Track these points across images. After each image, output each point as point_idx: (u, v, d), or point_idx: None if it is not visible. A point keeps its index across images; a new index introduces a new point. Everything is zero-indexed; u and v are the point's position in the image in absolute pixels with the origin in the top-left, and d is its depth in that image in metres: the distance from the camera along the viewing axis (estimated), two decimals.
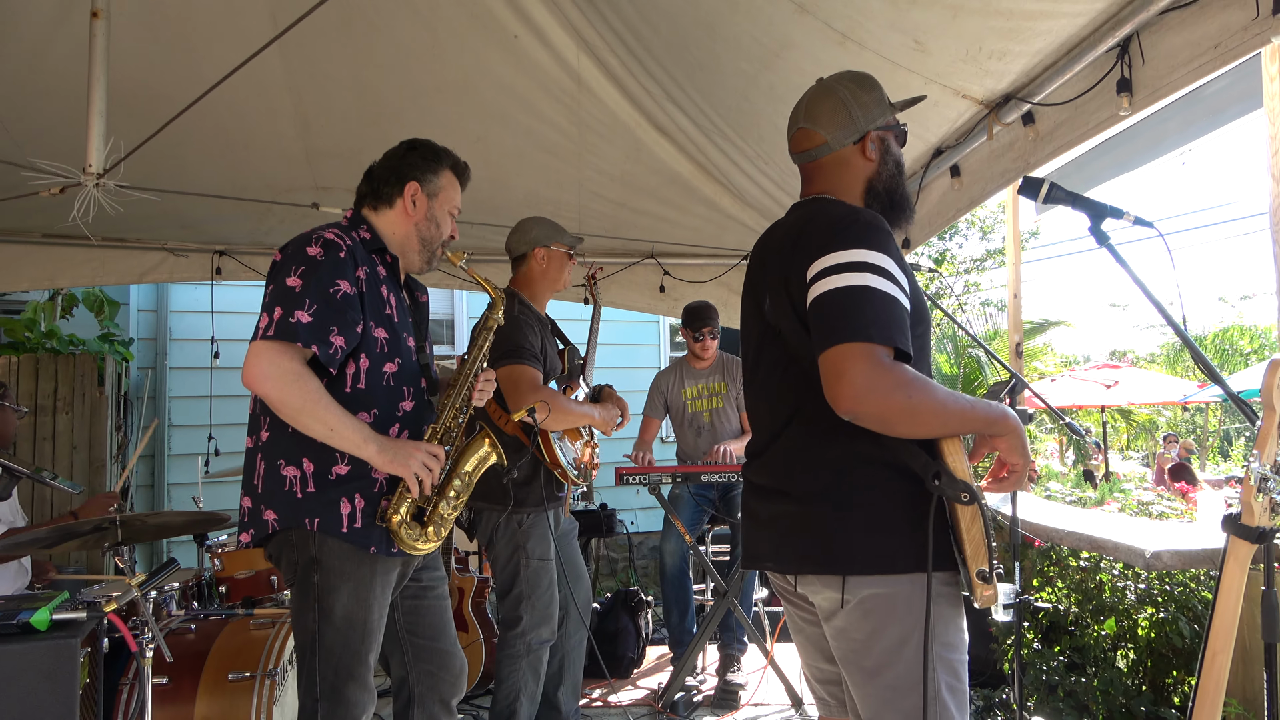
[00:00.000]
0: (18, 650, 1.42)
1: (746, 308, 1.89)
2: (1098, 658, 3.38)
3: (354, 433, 1.94)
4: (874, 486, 1.57)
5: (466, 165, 2.35)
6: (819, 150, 1.80)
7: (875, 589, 1.55)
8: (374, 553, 2.01)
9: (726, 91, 3.50)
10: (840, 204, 1.72)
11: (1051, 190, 1.62)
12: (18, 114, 3.49)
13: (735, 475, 3.73)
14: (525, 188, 4.35)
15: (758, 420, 1.84)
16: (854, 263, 1.51)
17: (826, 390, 1.47)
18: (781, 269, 1.67)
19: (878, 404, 1.44)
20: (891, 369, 1.44)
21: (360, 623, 2.01)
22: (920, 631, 1.52)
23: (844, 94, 1.79)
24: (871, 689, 1.57)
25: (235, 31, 3.17)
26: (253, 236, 4.80)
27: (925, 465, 1.50)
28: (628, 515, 6.24)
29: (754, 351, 1.83)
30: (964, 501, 1.47)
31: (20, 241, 4.53)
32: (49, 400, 5.18)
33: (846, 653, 1.62)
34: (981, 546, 1.49)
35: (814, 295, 1.53)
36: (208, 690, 2.54)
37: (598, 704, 3.94)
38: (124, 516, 2.57)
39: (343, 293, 1.98)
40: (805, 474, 1.64)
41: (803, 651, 1.88)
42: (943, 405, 1.47)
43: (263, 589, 3.39)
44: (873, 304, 1.47)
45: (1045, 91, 2.65)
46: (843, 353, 1.45)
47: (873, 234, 1.56)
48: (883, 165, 1.80)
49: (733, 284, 5.16)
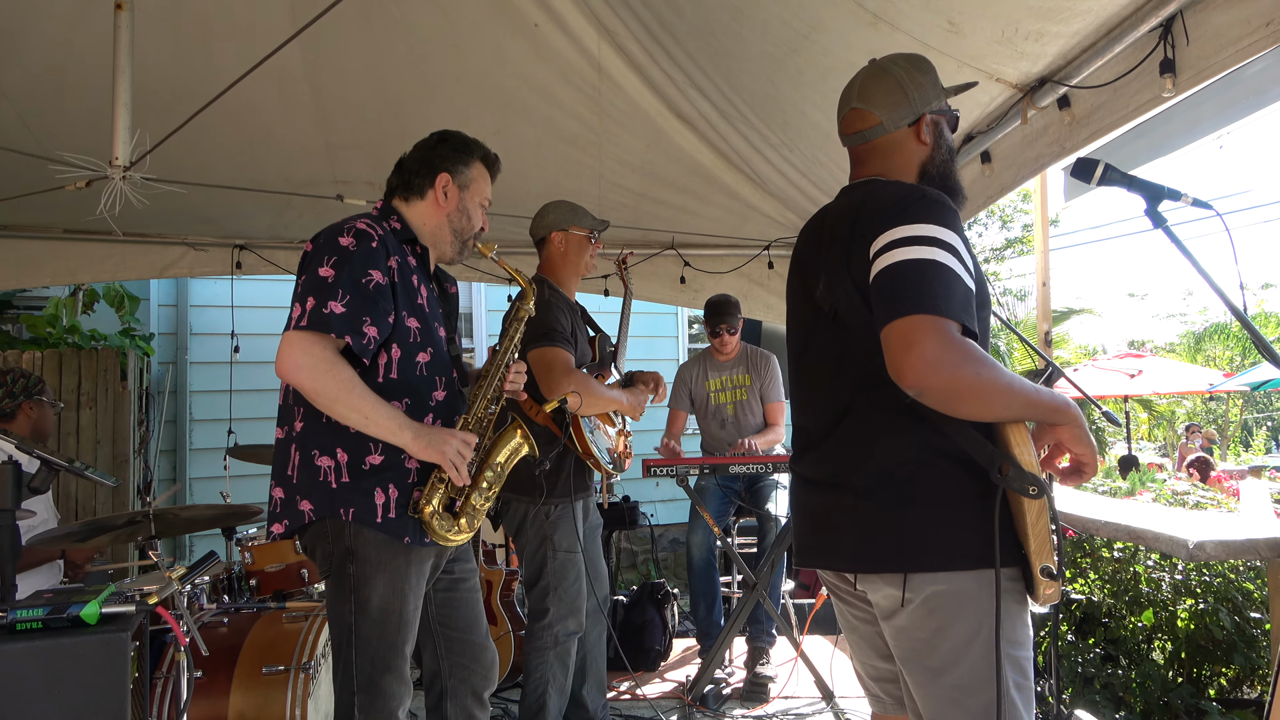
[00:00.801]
0: (69, 644, 1.41)
1: (794, 294, 1.84)
2: (1133, 650, 3.34)
3: (389, 420, 1.94)
4: (936, 479, 1.52)
5: (497, 157, 2.35)
6: (873, 131, 1.75)
7: (939, 586, 1.50)
8: (408, 543, 2.01)
9: (751, 77, 3.46)
10: (901, 182, 1.68)
11: (1107, 172, 1.58)
12: (40, 110, 3.48)
13: (762, 467, 3.70)
14: (545, 179, 4.33)
15: (808, 410, 1.77)
16: (922, 236, 1.46)
17: (892, 362, 1.42)
18: (841, 248, 1.62)
19: (946, 377, 1.38)
20: (962, 343, 1.39)
21: (396, 613, 2.01)
22: (987, 629, 1.47)
23: (900, 74, 1.74)
24: (936, 688, 1.53)
25: (255, 25, 3.15)
26: (272, 230, 4.80)
27: (990, 456, 1.44)
28: (648, 508, 6.22)
29: (803, 337, 1.78)
30: (1032, 495, 1.41)
31: (42, 237, 4.54)
32: (73, 395, 5.20)
33: (908, 652, 1.57)
34: (1047, 542, 1.43)
35: (880, 268, 1.48)
36: (242, 683, 2.53)
37: (626, 697, 3.92)
38: (156, 510, 2.56)
39: (375, 283, 1.97)
40: (864, 466, 1.58)
41: (857, 649, 1.83)
42: (1009, 387, 1.42)
43: (293, 582, 3.38)
44: (942, 278, 1.43)
45: (1083, 74, 2.59)
46: (912, 323, 1.39)
47: (940, 210, 1.51)
48: (937, 149, 1.76)
49: (754, 275, 5.12)
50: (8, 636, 1.43)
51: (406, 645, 2.06)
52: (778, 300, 5.19)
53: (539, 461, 2.32)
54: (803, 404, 1.80)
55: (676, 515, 7.18)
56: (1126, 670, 3.26)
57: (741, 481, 4.32)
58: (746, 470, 3.71)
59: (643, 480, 4.93)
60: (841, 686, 3.60)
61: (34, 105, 3.44)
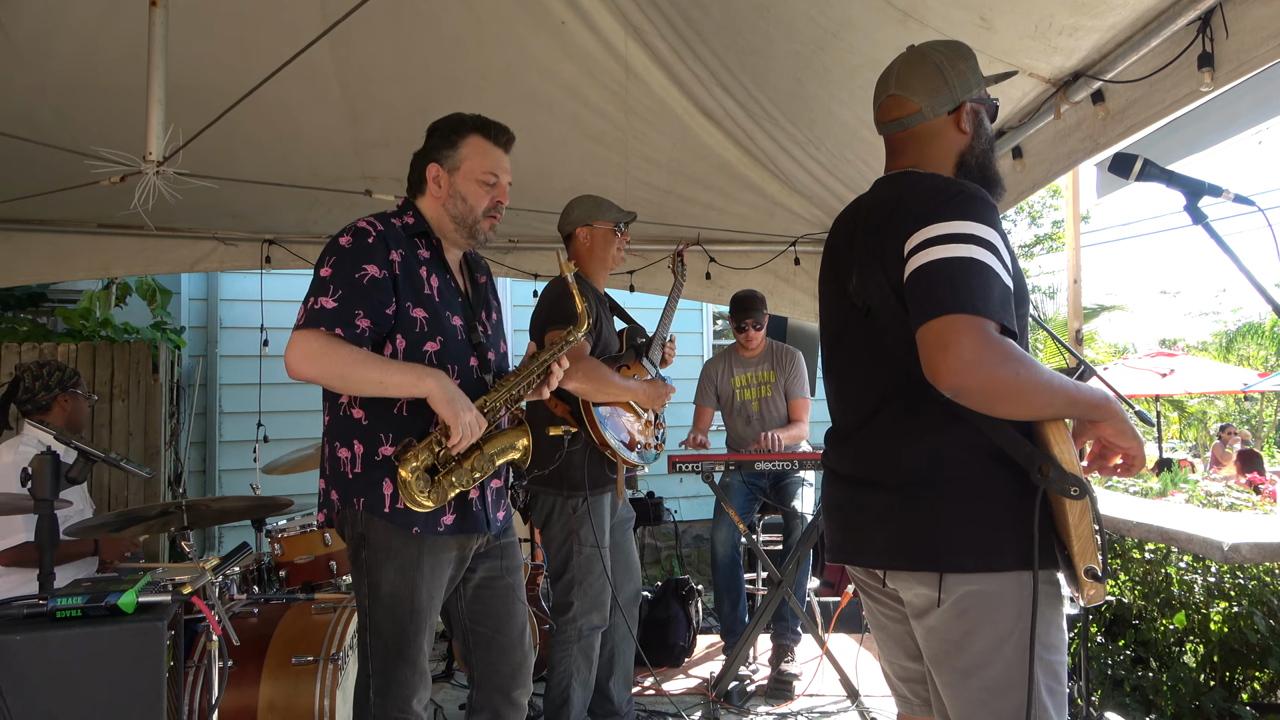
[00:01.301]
0: (107, 632, 1.44)
1: (826, 288, 1.81)
2: (1164, 652, 3.30)
3: (405, 375, 1.99)
4: (973, 477, 1.48)
5: (494, 123, 2.25)
6: (911, 119, 1.69)
7: (972, 586, 1.47)
8: (417, 533, 2.04)
9: (778, 75, 3.44)
10: (938, 176, 1.63)
11: (1146, 167, 1.55)
12: (75, 106, 3.54)
13: (788, 464, 3.69)
14: (571, 175, 4.33)
15: (840, 404, 1.75)
16: (959, 234, 1.42)
17: (927, 363, 1.39)
18: (875, 242, 1.58)
19: (984, 378, 1.35)
20: (1000, 342, 1.36)
21: (406, 601, 2.04)
22: (1020, 632, 1.44)
23: (940, 60, 1.69)
24: (965, 690, 1.50)
25: (286, 22, 3.18)
26: (301, 226, 4.84)
27: (1030, 455, 1.41)
28: (672, 504, 6.22)
29: (835, 333, 1.75)
30: (1074, 496, 1.37)
31: (76, 232, 4.61)
32: (106, 388, 5.29)
33: (938, 652, 1.54)
34: (1090, 543, 1.39)
35: (915, 266, 1.45)
36: (272, 673, 2.57)
37: (650, 692, 3.93)
38: (189, 501, 2.60)
39: (370, 277, 2.02)
40: (898, 462, 1.55)
41: (884, 648, 1.80)
42: (1049, 385, 1.39)
43: (321, 574, 3.42)
44: (980, 276, 1.39)
45: (1118, 68, 2.56)
46: (949, 323, 1.36)
47: (979, 206, 1.48)
48: (976, 139, 1.70)
49: (780, 271, 5.10)
50: (48, 624, 1.46)
51: (420, 636, 2.08)
52: (804, 296, 5.16)
53: (520, 476, 2.27)
54: (835, 399, 1.78)
55: (700, 512, 7.18)
56: (1157, 673, 3.22)
57: (767, 478, 4.31)
58: (772, 467, 3.70)
59: (667, 476, 4.94)
60: (867, 685, 3.58)
61: (69, 101, 3.50)
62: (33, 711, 1.40)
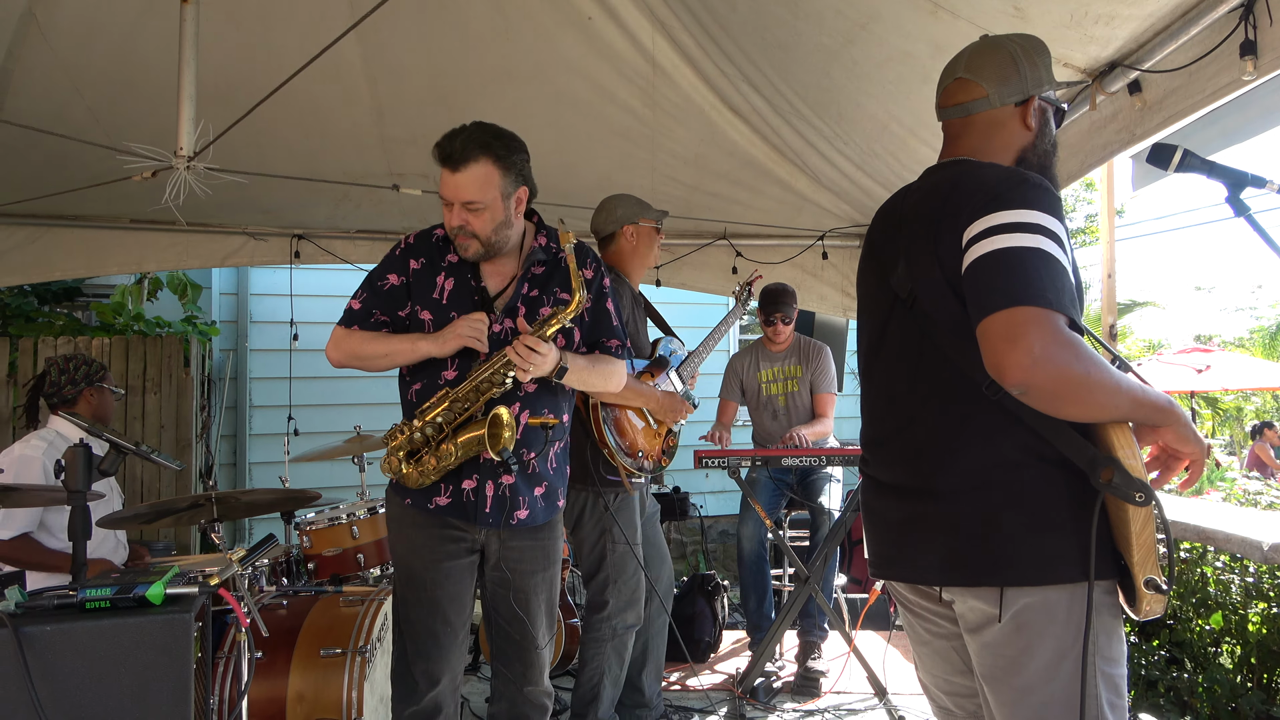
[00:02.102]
0: (134, 624, 1.45)
1: (867, 283, 1.74)
2: (1200, 654, 3.23)
3: (404, 343, 2.25)
4: (1034, 483, 1.40)
5: (443, 145, 2.20)
6: (976, 104, 1.62)
7: (1030, 599, 1.39)
8: (408, 505, 2.26)
9: (806, 70, 3.41)
10: (998, 164, 1.56)
11: (1185, 158, 1.50)
12: (108, 103, 3.58)
13: (815, 459, 3.66)
14: (598, 171, 4.33)
15: (882, 404, 1.66)
16: (1025, 223, 1.35)
17: (993, 357, 1.31)
18: (927, 229, 1.51)
19: (1053, 375, 1.27)
20: (1071, 338, 1.29)
21: (406, 566, 2.28)
22: (1079, 646, 1.37)
23: (1014, 49, 1.62)
24: (1024, 708, 1.42)
25: (314, 19, 3.20)
26: (330, 221, 4.87)
27: (1093, 460, 1.33)
28: (698, 499, 6.20)
29: (878, 327, 1.66)
30: (1138, 502, 1.30)
31: (110, 227, 4.68)
32: (138, 381, 5.36)
33: (993, 668, 1.46)
34: (1151, 552, 1.33)
35: (977, 255, 1.37)
36: (300, 665, 2.58)
37: (676, 687, 3.92)
38: (219, 494, 2.63)
39: (390, 285, 2.32)
40: (950, 468, 1.47)
41: (927, 662, 1.71)
42: (1117, 386, 1.31)
43: (349, 566, 3.44)
44: (1048, 267, 1.32)
45: (1156, 57, 2.50)
46: (1019, 315, 1.29)
47: (1044, 195, 1.40)
48: (1040, 139, 1.63)
49: (807, 265, 5.06)
50: (78, 615, 1.48)
51: (418, 606, 2.24)
52: (831, 291, 5.12)
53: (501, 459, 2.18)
54: (878, 398, 1.69)
55: (726, 507, 7.15)
56: (1192, 674, 3.15)
57: (794, 474, 4.28)
58: (799, 463, 3.67)
59: (693, 471, 4.91)
60: (894, 683, 3.55)
61: (103, 98, 3.54)
62: (61, 700, 1.42)
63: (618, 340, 2.44)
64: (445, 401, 2.19)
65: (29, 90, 3.47)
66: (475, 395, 2.18)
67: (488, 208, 2.18)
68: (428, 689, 2.24)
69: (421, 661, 2.24)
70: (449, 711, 2.29)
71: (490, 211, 2.19)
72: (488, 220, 2.20)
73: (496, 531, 2.26)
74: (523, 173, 2.26)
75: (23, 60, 3.32)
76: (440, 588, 2.24)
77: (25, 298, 6.04)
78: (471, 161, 2.15)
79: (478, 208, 2.18)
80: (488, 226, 2.20)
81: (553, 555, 2.37)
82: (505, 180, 2.20)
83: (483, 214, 2.19)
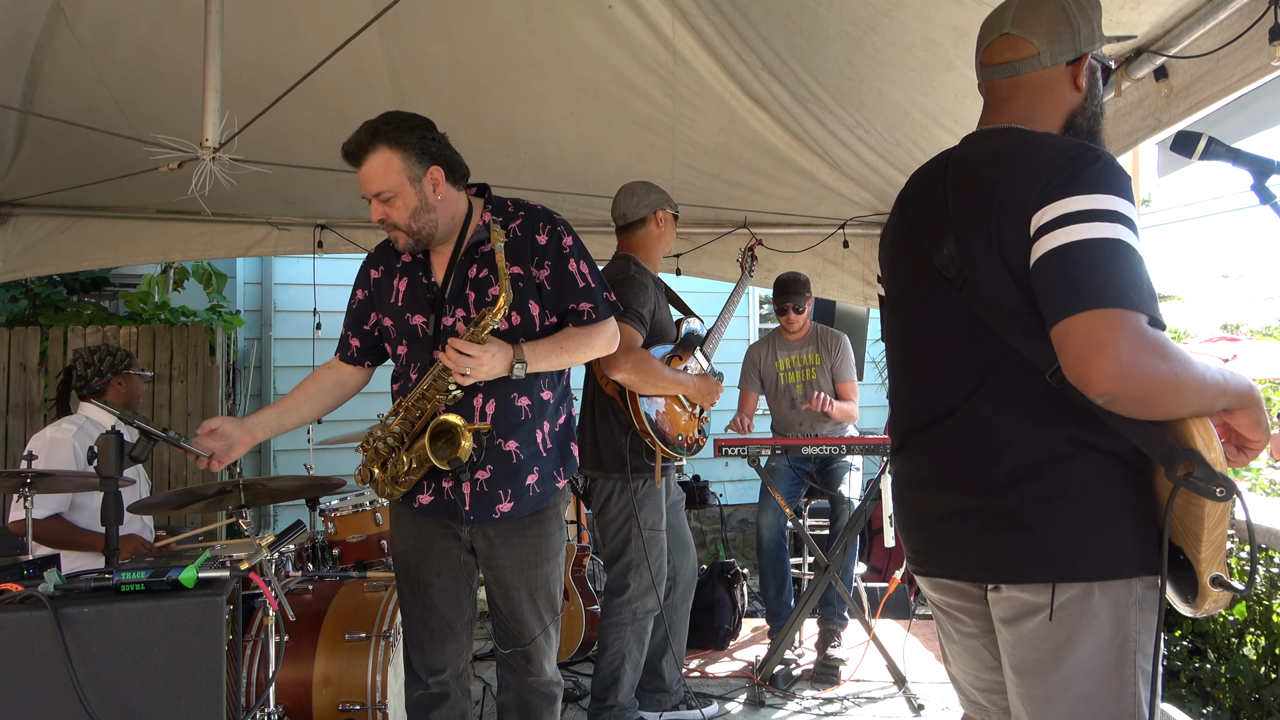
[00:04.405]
0: (168, 606, 1.49)
1: (902, 252, 1.61)
2: (1223, 644, 3.21)
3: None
4: (1087, 475, 1.34)
5: (345, 143, 2.17)
6: (1025, 64, 1.49)
7: (1073, 592, 1.34)
8: (400, 502, 2.28)
9: (828, 58, 3.39)
10: (1056, 136, 1.45)
11: (1210, 145, 1.47)
12: (134, 94, 3.62)
13: (835, 448, 3.66)
14: (617, 160, 4.33)
15: (922, 389, 1.55)
16: (1100, 210, 1.26)
17: (1077, 366, 1.24)
18: (985, 209, 1.39)
19: (1144, 382, 1.21)
20: (1156, 339, 1.23)
21: (402, 562, 2.29)
22: (1120, 641, 1.33)
23: (1066, 2, 1.48)
24: (1059, 702, 1.37)
25: (337, 10, 3.22)
26: (352, 211, 4.91)
27: (1170, 452, 1.26)
28: (717, 488, 6.22)
29: (914, 306, 1.56)
30: (1218, 497, 1.22)
31: (136, 217, 4.74)
32: (165, 369, 5.43)
33: (1029, 660, 1.40)
34: (1221, 549, 1.27)
35: (1051, 247, 1.28)
36: (326, 649, 2.63)
37: (695, 674, 3.95)
38: (246, 480, 2.67)
39: (357, 301, 2.38)
40: (1000, 460, 1.39)
41: (960, 660, 1.65)
42: (1204, 380, 1.25)
43: (373, 553, 3.49)
44: (1128, 261, 1.24)
45: (1183, 43, 2.47)
46: (1102, 319, 1.22)
47: (1115, 175, 1.30)
48: (1090, 100, 1.51)
49: (828, 254, 5.05)
50: (114, 597, 1.51)
51: (413, 599, 2.26)
52: (852, 280, 5.10)
53: (457, 468, 2.11)
54: (914, 383, 1.59)
55: (745, 496, 7.16)
56: (1215, 665, 3.14)
57: (814, 463, 4.28)
58: (819, 451, 3.67)
59: (713, 460, 4.93)
60: (914, 672, 3.56)
61: (129, 89, 3.58)
62: (98, 680, 1.45)
63: (590, 302, 2.25)
64: (400, 411, 2.16)
65: (57, 83, 3.52)
66: (424, 404, 2.12)
67: (397, 194, 2.10)
68: (428, 678, 2.27)
69: (419, 654, 2.27)
70: (455, 698, 2.31)
71: (402, 198, 2.10)
72: (402, 208, 2.11)
73: (482, 528, 2.21)
74: (428, 151, 2.13)
75: (51, 53, 3.37)
76: (432, 585, 2.25)
77: (54, 287, 6.14)
78: (369, 152, 2.09)
79: (387, 196, 2.11)
80: (404, 214, 2.12)
81: (543, 551, 2.26)
82: (407, 163, 2.10)
83: (395, 202, 2.11)
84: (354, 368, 2.42)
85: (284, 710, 2.53)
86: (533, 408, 2.20)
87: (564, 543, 2.34)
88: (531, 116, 4.05)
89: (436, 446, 2.07)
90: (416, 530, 2.26)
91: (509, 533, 2.22)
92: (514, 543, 2.22)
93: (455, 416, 2.07)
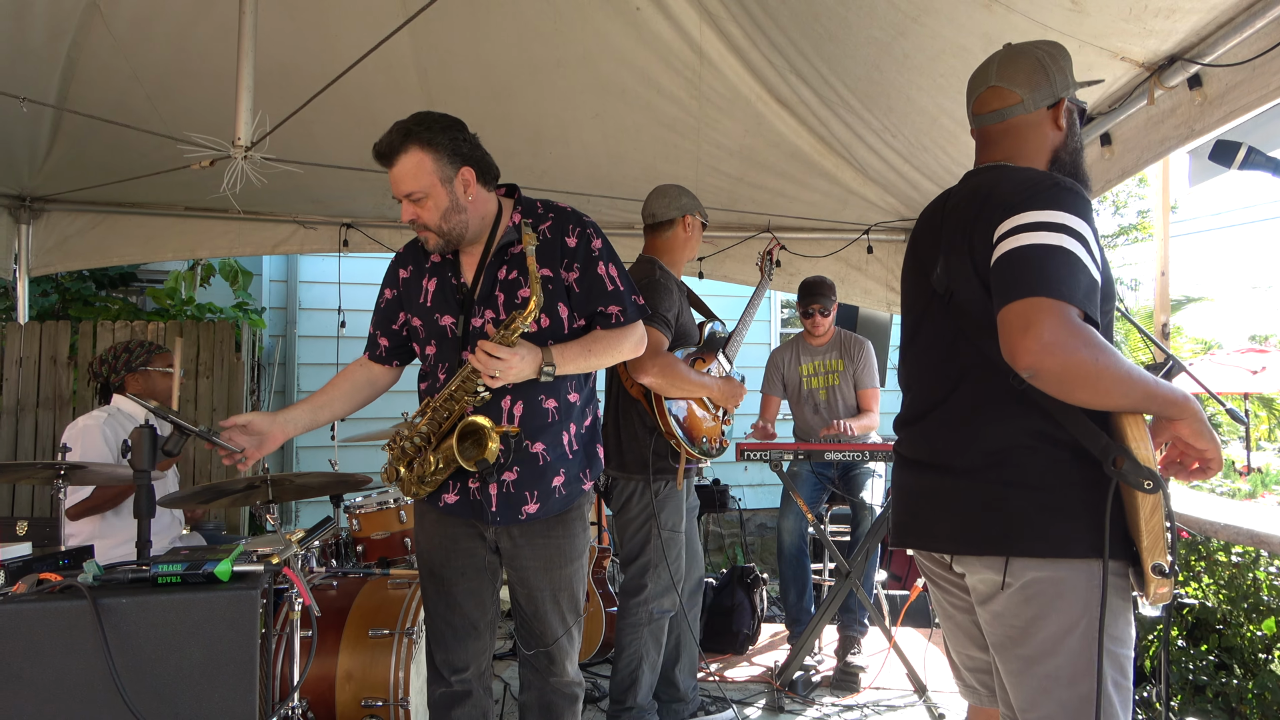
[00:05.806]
0: (204, 599, 1.51)
1: (909, 277, 1.84)
2: (1250, 659, 3.18)
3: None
4: (1044, 464, 1.50)
5: (376, 144, 2.15)
6: (1011, 110, 1.71)
7: (1040, 572, 1.48)
8: (425, 501, 2.27)
9: (856, 61, 3.38)
10: (1031, 169, 1.65)
11: (1250, 155, 1.49)
12: (167, 93, 3.67)
13: (858, 454, 3.65)
14: (643, 162, 4.34)
15: (914, 389, 1.78)
16: (1050, 222, 1.43)
17: (1006, 342, 1.41)
18: (963, 230, 1.60)
19: (1063, 361, 1.35)
20: (1082, 328, 1.37)
21: (426, 560, 2.29)
22: (1087, 622, 1.45)
23: (1041, 55, 1.71)
24: (1028, 678, 1.52)
25: (367, 11, 3.25)
26: (377, 210, 4.95)
27: (1105, 447, 1.41)
28: (737, 492, 6.21)
29: (915, 321, 1.78)
30: (1147, 490, 1.38)
31: (166, 214, 4.81)
32: (191, 365, 5.49)
33: (1002, 638, 1.56)
34: (1160, 539, 1.41)
35: (1003, 251, 1.46)
36: (350, 644, 2.65)
37: (714, 679, 3.94)
38: (273, 476, 2.70)
39: (385, 301, 2.37)
40: (968, 447, 1.58)
41: (952, 638, 1.82)
42: (1127, 376, 1.39)
43: (397, 550, 3.51)
44: (1068, 265, 1.40)
45: (1218, 51, 2.45)
46: (1033, 305, 1.38)
47: (1073, 198, 1.48)
48: (1070, 136, 1.72)
49: (851, 259, 5.03)
50: (151, 589, 1.54)
51: (436, 598, 2.26)
52: (876, 285, 5.08)
53: (483, 469, 2.11)
54: (909, 383, 1.81)
55: (765, 500, 7.15)
56: (1242, 680, 3.10)
57: (836, 468, 4.27)
58: (841, 457, 3.66)
59: (733, 464, 4.93)
60: (934, 680, 3.53)
61: (162, 88, 3.63)
62: (136, 669, 1.48)
63: (619, 306, 2.24)
64: (428, 411, 2.16)
65: (91, 79, 3.58)
66: (451, 404, 2.13)
67: (429, 195, 2.09)
68: (450, 676, 2.28)
69: (441, 652, 2.27)
70: (478, 696, 2.31)
71: (433, 199, 2.09)
72: (433, 209, 2.10)
73: (507, 529, 2.20)
74: (460, 152, 2.11)
75: (86, 50, 3.42)
76: (456, 584, 2.25)
77: (84, 282, 6.22)
78: (400, 153, 2.07)
79: (419, 197, 2.09)
80: (435, 215, 2.11)
81: (568, 552, 2.25)
82: (439, 164, 2.08)
83: (426, 203, 2.10)
84: (384, 367, 2.42)
85: (308, 705, 2.55)
86: (560, 410, 2.21)
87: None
88: (557, 117, 4.07)
89: (464, 447, 2.08)
90: (441, 529, 2.26)
91: (534, 534, 2.22)
92: (539, 544, 2.23)
93: (483, 418, 2.07)
